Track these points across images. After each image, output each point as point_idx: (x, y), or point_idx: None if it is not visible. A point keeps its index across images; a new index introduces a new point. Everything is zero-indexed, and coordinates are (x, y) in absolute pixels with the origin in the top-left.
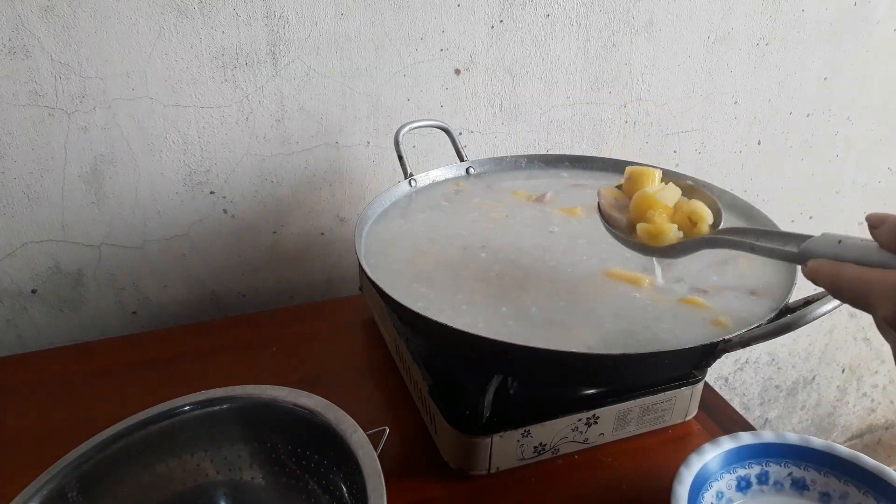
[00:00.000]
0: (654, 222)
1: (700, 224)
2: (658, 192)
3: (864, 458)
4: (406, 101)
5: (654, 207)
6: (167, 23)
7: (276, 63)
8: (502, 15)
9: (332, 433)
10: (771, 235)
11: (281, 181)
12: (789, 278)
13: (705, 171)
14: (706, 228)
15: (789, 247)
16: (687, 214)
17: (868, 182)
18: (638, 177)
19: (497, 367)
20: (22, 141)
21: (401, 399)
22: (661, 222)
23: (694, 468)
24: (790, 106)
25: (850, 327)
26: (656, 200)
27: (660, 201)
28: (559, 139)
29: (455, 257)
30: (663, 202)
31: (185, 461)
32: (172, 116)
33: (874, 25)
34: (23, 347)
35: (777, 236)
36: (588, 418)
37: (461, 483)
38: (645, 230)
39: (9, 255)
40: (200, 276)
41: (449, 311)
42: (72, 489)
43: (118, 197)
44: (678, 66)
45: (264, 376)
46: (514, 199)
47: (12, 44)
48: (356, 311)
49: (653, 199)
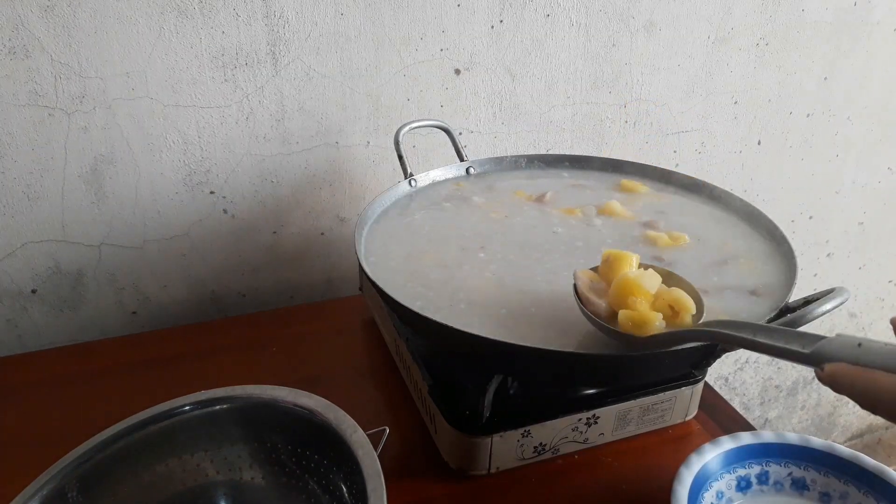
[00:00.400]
0: (636, 309)
1: (682, 314)
2: (640, 278)
3: (865, 458)
4: (406, 101)
5: (635, 294)
6: (167, 23)
7: (276, 63)
8: (502, 15)
9: (332, 433)
10: (772, 332)
11: (281, 181)
12: (789, 278)
13: (705, 171)
14: (688, 319)
15: (794, 346)
16: (668, 303)
17: (868, 182)
18: (615, 260)
19: (497, 367)
20: (22, 141)
21: (401, 399)
22: (643, 310)
23: (694, 468)
24: (790, 106)
25: (851, 327)
26: (639, 286)
27: (642, 286)
28: (559, 139)
29: (454, 257)
30: (645, 288)
31: (185, 461)
32: (172, 116)
33: (874, 25)
34: (23, 347)
35: (780, 333)
36: (588, 418)
37: (461, 483)
38: (628, 317)
39: (9, 255)
40: (200, 276)
41: (447, 311)
42: (72, 489)
43: (118, 197)
44: (678, 66)
45: (264, 376)
46: (515, 199)
47: (12, 44)
48: (356, 311)
49: (635, 284)
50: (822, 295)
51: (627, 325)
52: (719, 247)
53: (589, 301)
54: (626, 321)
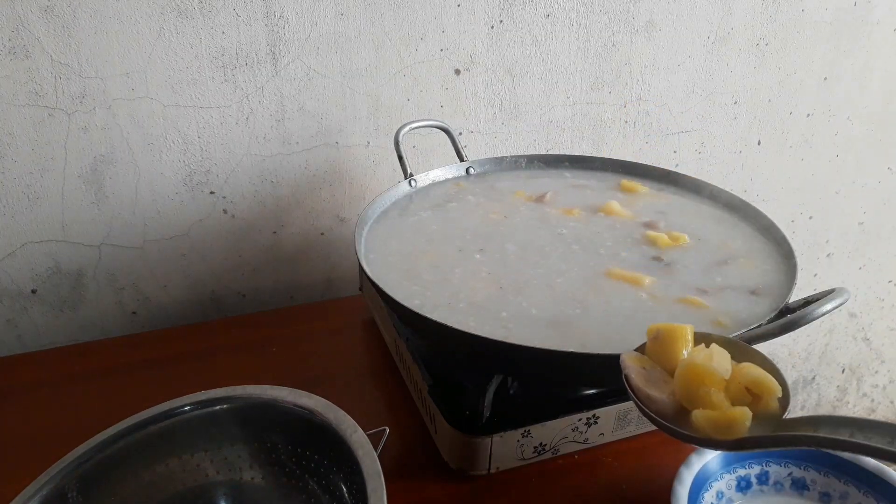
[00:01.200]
0: (713, 406)
1: (766, 398)
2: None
3: (865, 458)
4: (406, 101)
5: (707, 383)
6: (167, 23)
7: (276, 63)
8: (502, 15)
9: (332, 433)
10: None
11: (281, 181)
12: (789, 278)
13: (705, 171)
14: (775, 403)
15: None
16: (746, 385)
17: (868, 182)
18: (667, 338)
19: (497, 367)
20: (22, 141)
21: (401, 399)
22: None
23: (694, 468)
24: (790, 106)
25: (850, 327)
26: (710, 373)
27: (715, 373)
28: (559, 139)
29: (454, 257)
30: (719, 374)
31: (185, 461)
32: (172, 116)
33: (874, 25)
34: (23, 347)
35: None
36: (588, 418)
37: (461, 483)
38: (707, 420)
39: (9, 255)
40: (200, 276)
41: (447, 312)
42: (72, 489)
43: (118, 197)
44: (678, 66)
45: (264, 376)
46: (515, 200)
47: (12, 44)
48: (356, 311)
49: (705, 371)
50: (823, 295)
51: (707, 428)
52: (719, 247)
53: (650, 400)
54: (706, 424)
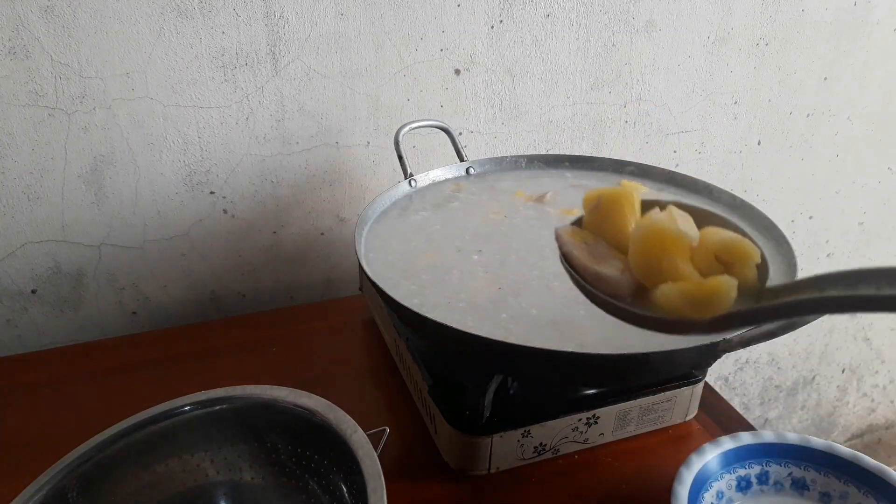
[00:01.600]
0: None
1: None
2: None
3: (865, 457)
4: (406, 101)
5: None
6: (167, 23)
7: (276, 63)
8: (502, 15)
9: (332, 433)
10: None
11: (281, 181)
12: (789, 278)
13: (705, 172)
14: (752, 273)
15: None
16: (716, 252)
17: (868, 182)
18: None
19: (497, 367)
20: (22, 141)
21: (401, 399)
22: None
23: (694, 468)
24: (790, 106)
25: (850, 327)
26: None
27: (682, 237)
28: (559, 139)
29: (454, 257)
30: (688, 238)
31: (185, 461)
32: (172, 116)
33: (874, 25)
34: (23, 347)
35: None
36: (588, 418)
37: (461, 483)
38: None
39: (9, 255)
40: (200, 276)
41: (447, 311)
42: (72, 489)
43: (118, 197)
44: (678, 66)
45: (264, 376)
46: (514, 200)
47: (12, 44)
48: (356, 311)
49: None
50: None
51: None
52: None
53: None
54: (678, 300)
